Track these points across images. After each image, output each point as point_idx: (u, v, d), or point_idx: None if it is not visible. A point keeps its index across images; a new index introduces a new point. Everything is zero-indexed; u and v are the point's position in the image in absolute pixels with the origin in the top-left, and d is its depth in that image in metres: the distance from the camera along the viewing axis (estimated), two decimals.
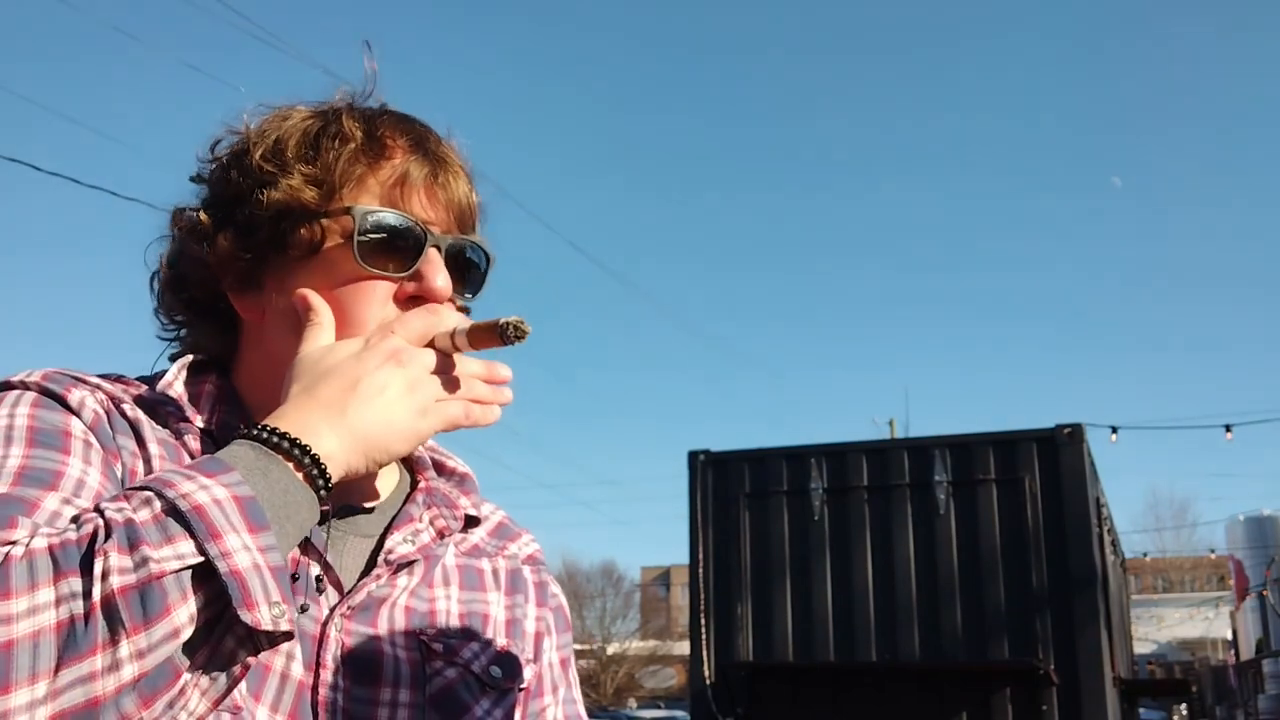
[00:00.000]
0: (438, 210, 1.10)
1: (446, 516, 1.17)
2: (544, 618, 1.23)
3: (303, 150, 1.07)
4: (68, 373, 1.04)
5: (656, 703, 39.37)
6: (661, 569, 60.86)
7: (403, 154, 1.09)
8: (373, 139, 1.08)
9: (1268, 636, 17.17)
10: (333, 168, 1.06)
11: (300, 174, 1.06)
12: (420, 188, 1.09)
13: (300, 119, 1.10)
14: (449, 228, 1.10)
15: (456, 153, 1.14)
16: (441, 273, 1.07)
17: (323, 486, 0.90)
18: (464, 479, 1.24)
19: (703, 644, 8.07)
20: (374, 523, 1.12)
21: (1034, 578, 7.46)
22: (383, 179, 1.08)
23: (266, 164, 1.07)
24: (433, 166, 1.10)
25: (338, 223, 1.05)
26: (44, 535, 0.79)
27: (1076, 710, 7.23)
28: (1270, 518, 22.51)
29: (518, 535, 1.26)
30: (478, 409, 1.01)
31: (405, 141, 1.10)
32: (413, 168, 1.08)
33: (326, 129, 1.08)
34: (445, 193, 1.10)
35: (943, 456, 7.85)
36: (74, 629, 0.75)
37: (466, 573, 1.17)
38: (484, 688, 1.10)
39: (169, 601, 0.77)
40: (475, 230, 1.15)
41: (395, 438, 0.95)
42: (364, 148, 1.07)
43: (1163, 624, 39.75)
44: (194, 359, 1.12)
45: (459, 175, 1.12)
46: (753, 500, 8.21)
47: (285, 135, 1.08)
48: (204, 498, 0.81)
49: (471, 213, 1.13)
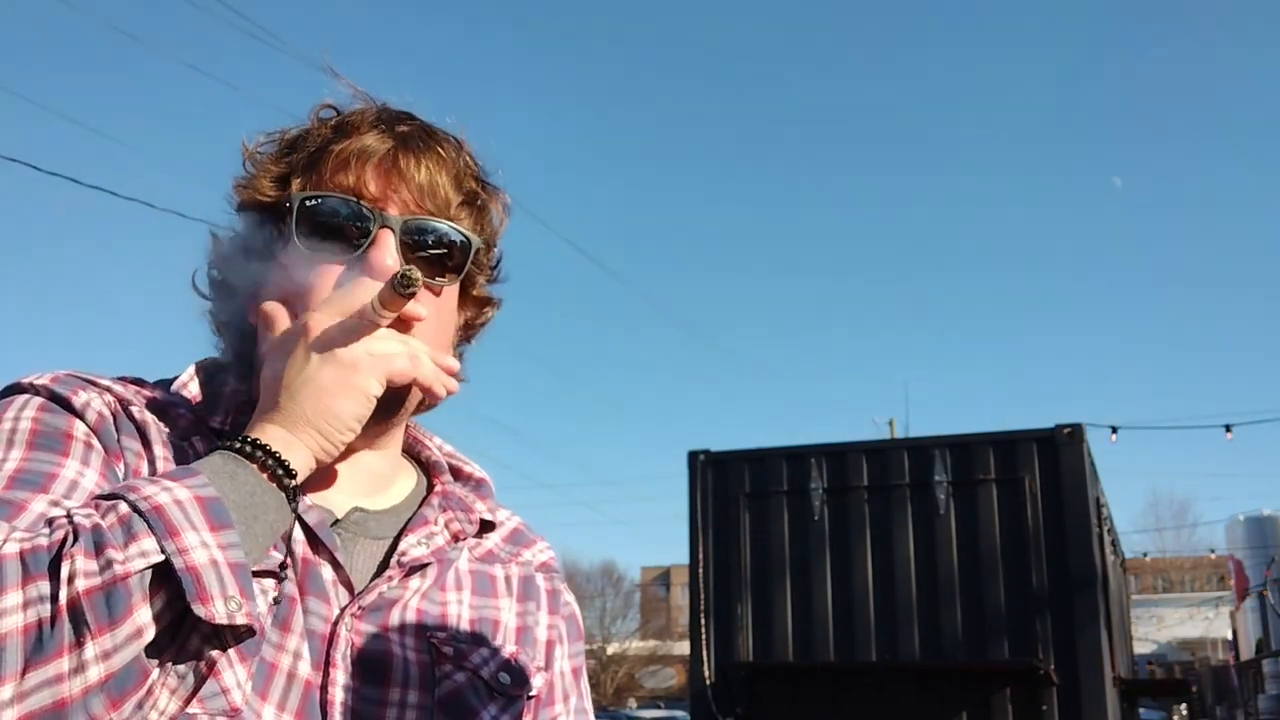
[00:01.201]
0: (398, 190, 1.07)
1: (461, 520, 1.17)
2: (556, 626, 1.22)
3: (278, 153, 1.10)
4: (78, 375, 1.05)
5: (656, 703, 39.33)
6: (661, 569, 60.84)
7: (363, 133, 1.08)
8: (342, 126, 1.09)
9: (1268, 636, 17.16)
10: (294, 165, 1.08)
11: (266, 173, 1.09)
12: (375, 164, 1.06)
13: (287, 131, 1.13)
14: (409, 208, 1.07)
15: (441, 142, 1.12)
16: (389, 253, 1.04)
17: (290, 486, 0.94)
18: (480, 484, 1.24)
19: (703, 644, 8.08)
20: (387, 525, 1.12)
21: (1034, 578, 7.46)
22: (337, 159, 1.06)
23: (253, 168, 1.11)
24: (395, 145, 1.07)
25: (289, 212, 1.06)
26: (15, 540, 0.80)
27: (1076, 710, 7.23)
28: (1270, 518, 22.49)
29: (532, 542, 1.26)
30: (427, 365, 1.01)
31: (372, 120, 1.09)
32: (369, 142, 1.06)
33: (304, 132, 1.11)
34: (407, 171, 1.07)
35: (943, 456, 7.85)
36: (40, 632, 0.76)
37: (479, 578, 1.17)
38: (492, 693, 1.10)
39: (131, 602, 0.79)
40: (452, 210, 1.10)
41: (337, 407, 0.96)
42: (330, 135, 1.08)
43: (1163, 624, 39.74)
44: (211, 361, 1.14)
45: (427, 156, 1.09)
46: (753, 500, 8.21)
47: (273, 143, 1.12)
48: (165, 498, 0.84)
49: (441, 195, 1.09)
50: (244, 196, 1.10)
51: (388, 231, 1.05)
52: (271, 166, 1.09)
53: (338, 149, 1.07)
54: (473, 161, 1.16)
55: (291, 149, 1.10)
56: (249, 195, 1.09)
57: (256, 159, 1.11)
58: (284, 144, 1.11)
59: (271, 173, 1.09)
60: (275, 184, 1.08)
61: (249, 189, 1.09)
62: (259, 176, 1.09)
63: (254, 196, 1.08)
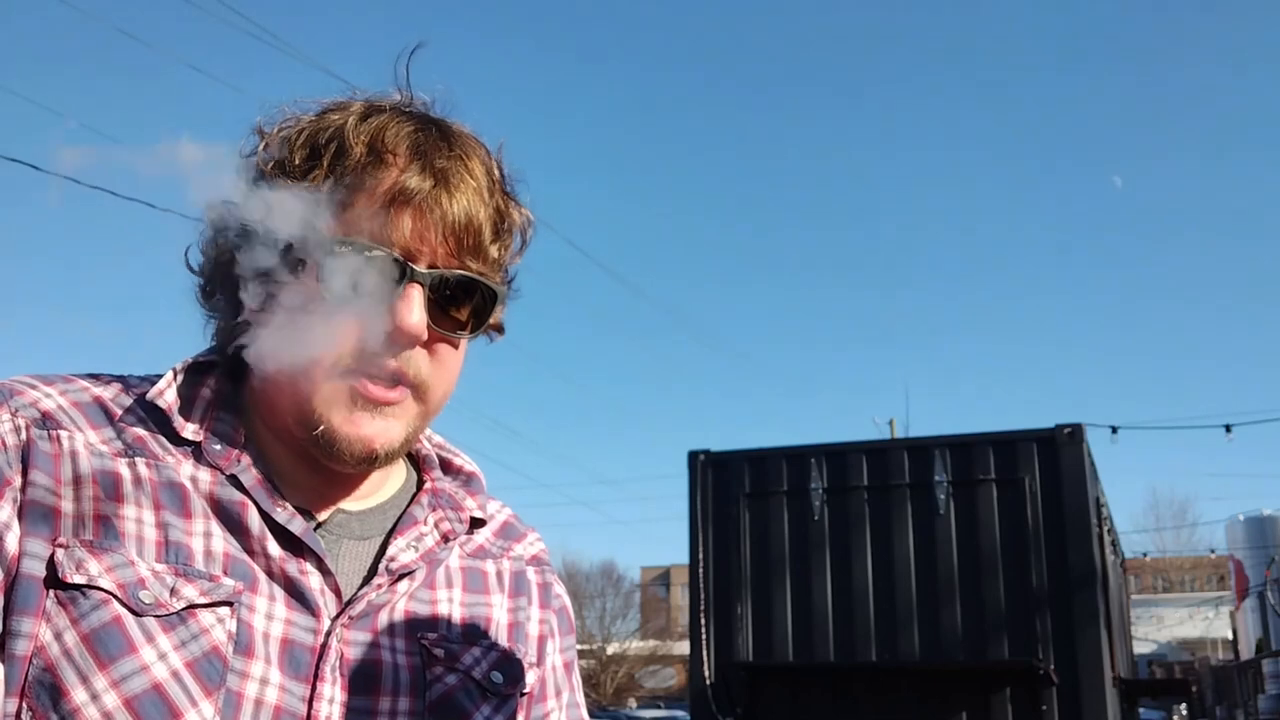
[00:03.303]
0: (434, 232, 1.02)
1: (452, 519, 1.16)
2: (547, 620, 1.22)
3: (304, 163, 1.03)
4: (13, 384, 1.02)
5: (656, 703, 39.31)
6: (661, 569, 60.83)
7: (399, 168, 1.02)
8: (373, 150, 1.02)
9: (1268, 636, 17.18)
10: (321, 188, 1.01)
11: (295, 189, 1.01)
12: (412, 207, 1.01)
13: (311, 125, 1.05)
14: (441, 256, 1.03)
15: (477, 170, 1.06)
16: (415, 311, 1.00)
17: None
18: (470, 478, 1.22)
19: (703, 644, 8.06)
20: (372, 524, 1.11)
21: (1034, 578, 7.45)
22: (373, 197, 1.01)
23: (270, 175, 1.03)
24: (435, 183, 1.02)
25: (315, 249, 1.00)
26: None
27: (1076, 710, 7.22)
28: (1270, 518, 22.49)
29: (523, 535, 1.25)
30: None
31: (406, 150, 1.03)
32: (410, 183, 1.01)
33: (333, 139, 1.03)
34: (445, 213, 1.02)
35: (943, 456, 7.84)
36: None
37: (470, 575, 1.16)
38: (484, 694, 1.09)
39: None
40: (484, 249, 1.06)
41: None
42: (361, 162, 1.01)
43: (1163, 624, 39.74)
44: (193, 361, 1.10)
45: (464, 193, 1.03)
46: (753, 500, 8.20)
47: (294, 145, 1.04)
48: None
49: (475, 231, 1.04)
50: (264, 213, 1.02)
51: (416, 287, 1.01)
52: (296, 184, 1.01)
53: (374, 185, 1.01)
54: (503, 182, 1.10)
55: (320, 157, 1.02)
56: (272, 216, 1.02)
57: (283, 167, 1.03)
58: (313, 148, 1.03)
59: None
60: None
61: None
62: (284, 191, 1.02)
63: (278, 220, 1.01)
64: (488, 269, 1.07)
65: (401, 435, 1.05)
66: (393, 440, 1.04)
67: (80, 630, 0.92)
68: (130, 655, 0.92)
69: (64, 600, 0.93)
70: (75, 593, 0.93)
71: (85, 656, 0.92)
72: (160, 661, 0.93)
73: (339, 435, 1.02)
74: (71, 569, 0.94)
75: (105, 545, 0.96)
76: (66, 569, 0.94)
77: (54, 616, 0.93)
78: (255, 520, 1.02)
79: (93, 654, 0.92)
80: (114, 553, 0.96)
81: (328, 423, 1.01)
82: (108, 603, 0.94)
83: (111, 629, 0.93)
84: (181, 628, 0.95)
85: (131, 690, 0.91)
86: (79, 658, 0.92)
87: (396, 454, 1.07)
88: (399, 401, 1.04)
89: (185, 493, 1.01)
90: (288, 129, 1.06)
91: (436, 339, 1.05)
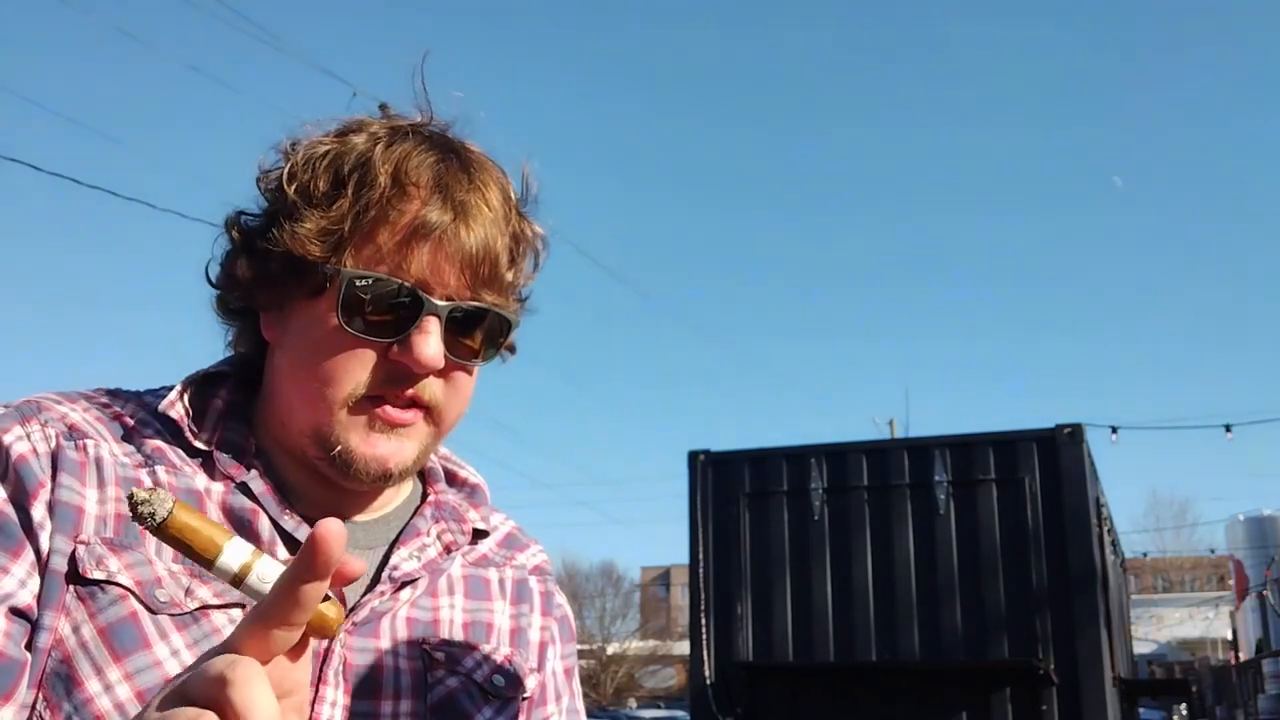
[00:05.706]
0: (448, 266, 1.03)
1: (454, 531, 1.17)
2: (549, 627, 1.23)
3: (329, 190, 1.03)
4: (40, 400, 1.04)
5: (656, 703, 39.33)
6: (661, 569, 60.86)
7: (421, 200, 1.03)
8: (396, 182, 1.03)
9: (1268, 636, 17.20)
10: (346, 217, 1.02)
11: (316, 220, 1.02)
12: (431, 241, 1.02)
13: (334, 148, 1.05)
14: (457, 288, 1.04)
15: (494, 199, 1.07)
16: (431, 343, 1.02)
17: None
18: (475, 490, 1.24)
19: (703, 644, 8.07)
20: (375, 534, 1.12)
21: (1034, 578, 7.45)
22: (395, 230, 1.02)
23: (294, 200, 1.04)
24: (455, 217, 1.03)
25: (333, 280, 1.02)
26: None
27: (1076, 710, 7.23)
28: (1270, 518, 22.51)
29: (526, 546, 1.26)
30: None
31: (428, 181, 1.03)
32: (431, 217, 1.02)
33: (357, 167, 1.04)
34: (463, 245, 1.03)
35: (943, 456, 7.84)
36: None
37: (472, 582, 1.17)
38: (486, 697, 1.11)
39: None
40: (500, 278, 1.07)
41: None
42: (385, 195, 1.02)
43: (1163, 624, 39.75)
44: (200, 374, 1.12)
45: (479, 220, 1.04)
46: (753, 500, 8.20)
47: (319, 169, 1.04)
48: None
49: (490, 263, 1.05)
50: (288, 240, 1.02)
51: (433, 319, 1.03)
52: (321, 213, 1.02)
53: (396, 217, 1.02)
54: (518, 206, 1.12)
55: (344, 185, 1.03)
56: (294, 243, 1.02)
57: (308, 194, 1.03)
58: (336, 174, 1.04)
59: (320, 225, 1.02)
60: (321, 240, 1.02)
61: (292, 234, 1.02)
62: (306, 220, 1.02)
63: (303, 246, 1.02)
64: (503, 296, 1.08)
65: (414, 455, 1.07)
66: (406, 460, 1.06)
67: (98, 624, 0.94)
68: (144, 650, 0.94)
69: (83, 595, 0.95)
70: (94, 588, 0.96)
71: (101, 649, 0.94)
72: (173, 658, 0.95)
73: (356, 455, 1.04)
74: (92, 565, 0.96)
75: (125, 543, 0.98)
76: (87, 564, 0.96)
77: (73, 610, 0.95)
78: (266, 527, 1.04)
79: (108, 647, 0.94)
80: (133, 550, 0.98)
81: (345, 444, 1.03)
82: (125, 598, 0.96)
83: (127, 624, 0.95)
84: (194, 627, 0.97)
85: (144, 684, 0.93)
86: (95, 650, 0.94)
87: (409, 473, 1.09)
88: (413, 423, 1.06)
89: (201, 499, 1.04)
90: (310, 152, 1.06)
91: (452, 367, 1.07)
